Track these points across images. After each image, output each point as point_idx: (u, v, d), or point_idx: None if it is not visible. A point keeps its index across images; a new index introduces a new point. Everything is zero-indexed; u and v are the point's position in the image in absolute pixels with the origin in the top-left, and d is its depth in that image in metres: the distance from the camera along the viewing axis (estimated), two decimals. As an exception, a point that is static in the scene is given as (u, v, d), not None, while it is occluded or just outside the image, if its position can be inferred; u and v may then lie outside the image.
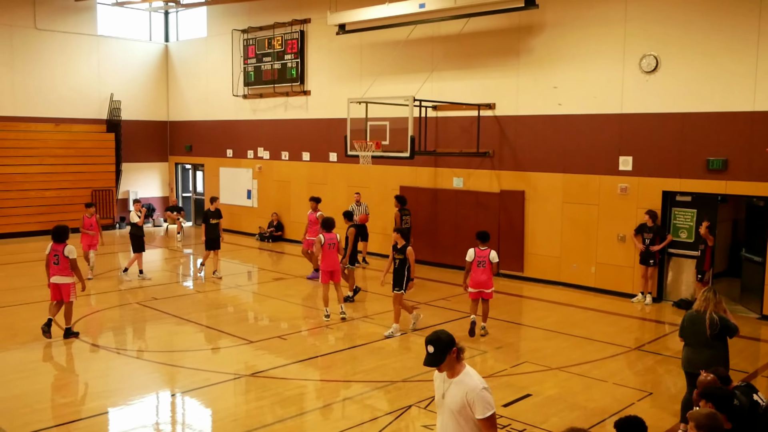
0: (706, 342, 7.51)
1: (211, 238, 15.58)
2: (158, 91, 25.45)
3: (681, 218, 13.80)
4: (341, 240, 12.41)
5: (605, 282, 14.63)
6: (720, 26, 12.88)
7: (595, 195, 14.68)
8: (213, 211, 15.64)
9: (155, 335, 11.47)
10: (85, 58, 23.36)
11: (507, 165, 16.07)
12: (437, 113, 16.94)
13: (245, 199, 22.55)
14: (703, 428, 4.76)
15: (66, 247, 10.73)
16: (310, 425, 7.87)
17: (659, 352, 10.76)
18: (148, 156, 25.33)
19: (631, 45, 13.94)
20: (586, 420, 7.93)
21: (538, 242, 15.67)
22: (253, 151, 22.43)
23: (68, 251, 10.70)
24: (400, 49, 17.22)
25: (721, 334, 7.53)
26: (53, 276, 10.79)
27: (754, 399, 6.20)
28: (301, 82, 20.59)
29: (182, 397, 8.82)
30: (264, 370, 9.63)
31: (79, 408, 8.22)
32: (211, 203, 15.86)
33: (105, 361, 10.18)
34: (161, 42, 25.51)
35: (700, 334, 7.55)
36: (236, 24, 22.21)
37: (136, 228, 15.46)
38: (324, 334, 11.55)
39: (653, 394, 8.94)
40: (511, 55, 15.76)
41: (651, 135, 13.87)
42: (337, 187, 19.60)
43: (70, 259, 10.68)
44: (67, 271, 10.74)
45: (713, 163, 13.06)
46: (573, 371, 9.71)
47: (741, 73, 12.67)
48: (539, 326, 12.26)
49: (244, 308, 13.71)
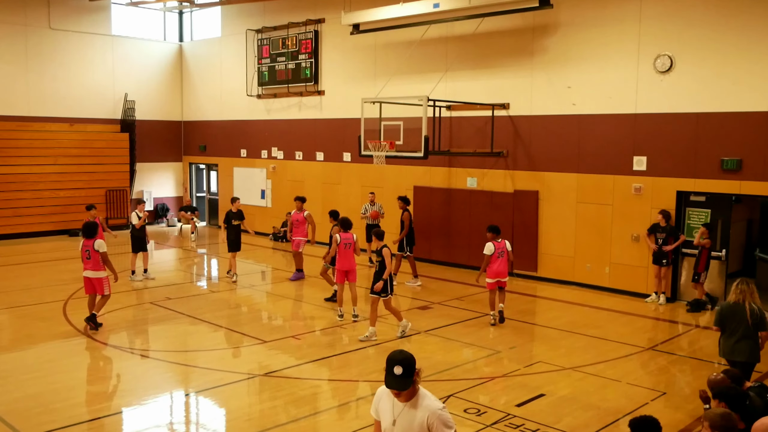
0: (746, 331, 7.79)
1: (233, 240, 15.51)
2: (172, 91, 25.59)
3: (695, 218, 13.73)
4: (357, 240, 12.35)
5: (619, 282, 14.58)
6: (734, 26, 12.80)
7: (609, 195, 14.63)
8: (235, 212, 15.57)
9: (169, 335, 11.54)
10: (100, 58, 23.53)
11: (521, 165, 16.04)
12: (451, 113, 16.93)
13: (259, 199, 22.64)
14: (718, 428, 4.76)
15: (96, 241, 11.18)
16: (324, 425, 7.90)
17: (673, 352, 10.72)
18: (162, 156, 25.47)
19: (646, 45, 13.88)
20: (600, 420, 7.91)
21: (552, 242, 15.63)
22: (267, 151, 22.52)
23: (98, 245, 11.15)
24: (414, 49, 17.23)
25: (761, 325, 7.81)
26: (86, 270, 11.36)
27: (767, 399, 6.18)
28: (315, 82, 20.64)
29: (196, 396, 8.88)
30: (278, 369, 9.67)
31: (93, 408, 8.27)
32: (232, 203, 15.75)
33: (119, 361, 10.26)
34: (175, 42, 25.65)
35: (741, 323, 7.81)
36: (250, 24, 22.30)
37: (135, 229, 15.38)
38: (338, 334, 11.58)
39: (667, 394, 8.91)
40: (525, 54, 15.73)
41: (665, 135, 13.80)
42: (351, 187, 19.63)
43: (101, 252, 11.13)
44: (99, 266, 11.23)
45: (727, 163, 12.98)
46: (587, 371, 9.69)
47: (755, 73, 12.59)
48: (553, 326, 12.23)
49: (257, 308, 13.77)
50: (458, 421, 7.83)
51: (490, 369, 9.85)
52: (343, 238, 12.11)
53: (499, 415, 8.02)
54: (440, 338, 11.31)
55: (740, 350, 7.85)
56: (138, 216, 15.37)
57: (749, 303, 7.84)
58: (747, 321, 7.76)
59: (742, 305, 7.85)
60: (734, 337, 7.88)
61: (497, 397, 8.62)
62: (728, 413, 4.90)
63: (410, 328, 11.43)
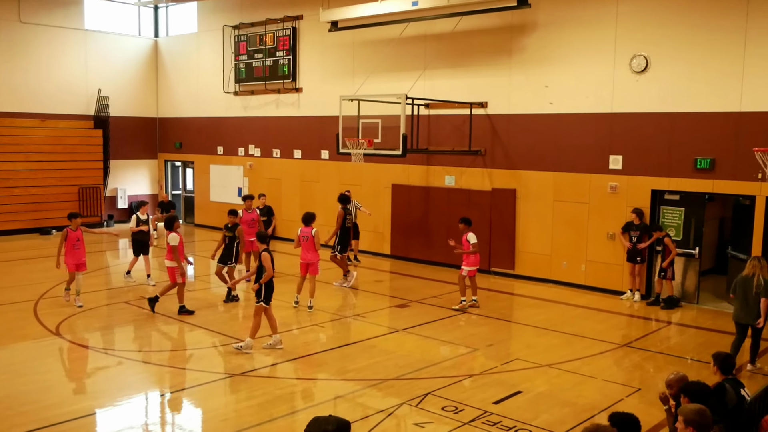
0: (753, 300, 9.42)
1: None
2: (147, 87, 25.30)
3: (669, 217, 13.88)
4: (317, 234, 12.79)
5: (595, 279, 14.70)
6: (708, 28, 12.96)
7: (585, 193, 14.74)
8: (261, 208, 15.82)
9: (144, 334, 11.41)
10: (72, 52, 23.16)
11: (499, 163, 16.11)
12: (429, 111, 16.95)
13: (236, 197, 22.47)
14: (692, 423, 4.82)
15: (170, 234, 12.15)
16: (301, 424, 7.81)
17: (647, 349, 10.84)
18: (136, 153, 25.17)
19: (622, 45, 14.00)
20: (576, 416, 7.97)
21: (529, 240, 15.72)
22: (244, 148, 22.37)
23: (171, 239, 12.10)
24: (393, 47, 17.21)
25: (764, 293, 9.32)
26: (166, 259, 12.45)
27: (741, 394, 6.27)
28: (293, 79, 20.54)
29: (171, 397, 8.79)
30: (254, 369, 9.61)
31: (66, 410, 8.09)
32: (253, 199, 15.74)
33: (92, 362, 10.12)
34: (150, 37, 25.36)
35: (749, 293, 9.46)
36: (227, 20, 22.13)
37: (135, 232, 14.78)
38: (315, 332, 11.54)
39: (641, 390, 8.99)
40: (503, 53, 15.78)
41: (641, 134, 13.94)
42: (329, 185, 19.57)
43: (170, 245, 12.07)
44: (170, 256, 12.18)
45: (701, 163, 13.15)
46: (563, 368, 9.75)
47: (728, 74, 12.76)
48: (530, 323, 12.30)
49: (233, 307, 13.67)
50: (435, 418, 7.85)
51: (467, 367, 9.87)
52: (303, 232, 12.65)
53: (477, 412, 8.05)
54: (418, 336, 11.31)
55: (746, 314, 9.52)
56: (140, 219, 14.67)
57: (758, 276, 9.39)
58: (753, 290, 9.35)
59: (752, 278, 9.46)
60: (743, 304, 9.56)
61: (474, 395, 8.64)
62: (702, 409, 4.95)
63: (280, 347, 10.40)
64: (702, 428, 4.78)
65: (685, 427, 4.84)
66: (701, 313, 13.15)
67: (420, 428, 7.64)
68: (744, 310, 9.58)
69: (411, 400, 8.38)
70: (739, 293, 9.64)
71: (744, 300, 9.54)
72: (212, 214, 22.91)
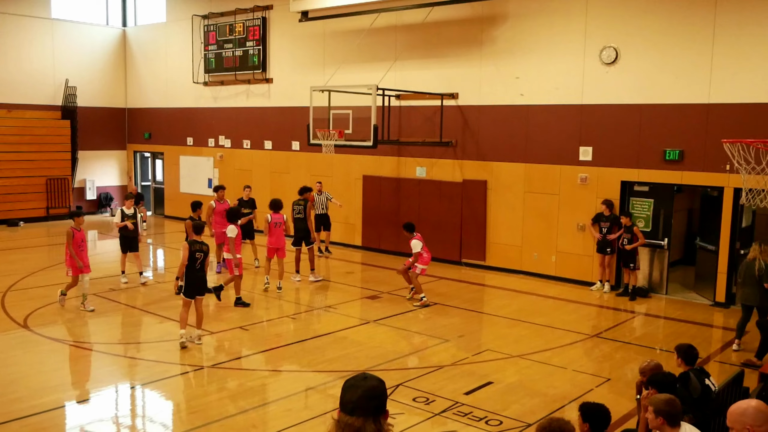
0: (756, 282, 9.94)
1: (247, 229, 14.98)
2: (116, 78, 24.90)
3: (639, 208, 14.04)
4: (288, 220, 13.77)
5: (565, 270, 14.83)
6: (677, 20, 13.10)
7: (555, 185, 14.85)
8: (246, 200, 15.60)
9: (112, 327, 11.27)
10: (39, 42, 22.70)
11: (470, 154, 16.15)
12: (400, 102, 16.92)
13: (206, 188, 22.26)
14: (662, 413, 4.86)
15: (229, 226, 12.27)
16: (273, 416, 7.84)
17: (617, 339, 10.96)
18: (105, 144, 24.79)
19: (592, 37, 14.09)
20: (546, 407, 8.04)
21: (500, 231, 15.80)
22: (214, 139, 22.15)
23: (229, 230, 12.23)
24: (364, 38, 17.14)
25: (765, 277, 9.86)
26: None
27: (706, 383, 6.37)
28: (263, 70, 20.37)
29: (141, 389, 8.70)
30: (225, 360, 9.55)
31: (34, 403, 7.98)
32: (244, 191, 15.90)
33: (60, 354, 9.97)
34: (119, 27, 24.95)
35: (752, 276, 10.00)
36: (196, 9, 21.85)
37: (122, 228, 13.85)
38: (285, 324, 11.50)
39: (611, 380, 9.10)
40: (474, 45, 15.81)
41: (610, 126, 14.06)
42: (300, 176, 19.46)
43: (229, 237, 12.20)
44: (228, 248, 12.38)
45: (670, 154, 13.31)
46: (533, 359, 9.83)
47: (697, 66, 12.91)
48: (501, 314, 12.37)
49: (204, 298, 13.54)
50: (407, 409, 7.87)
51: (438, 359, 9.90)
52: (274, 218, 13.30)
53: (448, 403, 8.08)
54: (389, 328, 11.33)
55: (750, 296, 10.03)
56: (125, 214, 13.73)
57: (759, 260, 9.94)
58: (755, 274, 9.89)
59: (753, 262, 10.00)
60: (747, 287, 10.13)
61: (445, 386, 8.68)
62: (672, 399, 5.00)
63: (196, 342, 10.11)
64: (672, 418, 4.82)
65: (655, 417, 4.88)
66: (670, 304, 13.34)
67: (391, 419, 7.62)
68: (746, 292, 10.17)
69: (382, 391, 8.36)
70: (744, 277, 10.25)
71: (748, 283, 10.11)
72: (182, 206, 22.60)
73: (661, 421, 4.87)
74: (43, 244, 19.33)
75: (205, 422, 7.51)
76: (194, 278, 10.07)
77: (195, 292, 10.12)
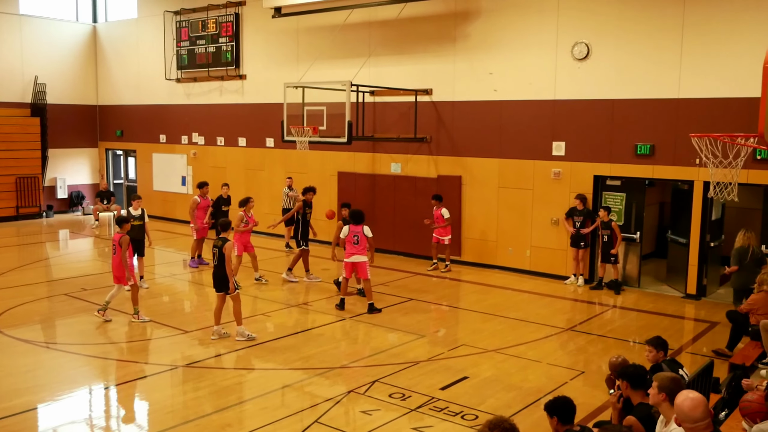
0: (749, 267, 10.66)
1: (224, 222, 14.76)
2: (86, 74, 24.56)
3: (611, 202, 14.18)
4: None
5: (539, 265, 14.95)
6: (647, 17, 13.24)
7: (529, 180, 14.95)
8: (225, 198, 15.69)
9: (85, 327, 11.12)
10: (7, 38, 22.32)
11: (444, 150, 16.19)
12: (375, 98, 16.91)
13: (180, 186, 22.09)
14: (665, 389, 5.12)
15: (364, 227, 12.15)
16: (249, 414, 7.81)
17: (591, 332, 11.08)
18: (76, 141, 24.44)
19: (564, 32, 14.19)
20: (522, 400, 8.10)
21: (474, 227, 15.87)
22: (187, 136, 21.95)
23: (366, 231, 12.13)
24: (337, 34, 17.10)
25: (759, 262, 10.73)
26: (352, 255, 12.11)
27: (680, 374, 6.47)
28: (236, 66, 20.22)
29: (116, 389, 8.62)
30: (201, 360, 9.49)
31: (5, 405, 7.87)
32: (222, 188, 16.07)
33: (33, 355, 9.81)
34: (89, 23, 24.61)
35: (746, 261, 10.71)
36: (168, 5, 21.62)
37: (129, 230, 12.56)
38: (261, 322, 11.45)
39: (585, 372, 9.20)
40: (448, 40, 15.84)
41: (582, 121, 14.18)
42: (274, 172, 19.39)
43: (368, 237, 12.09)
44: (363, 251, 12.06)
45: (641, 149, 13.46)
46: (509, 353, 9.90)
47: (667, 62, 13.07)
48: (476, 309, 12.44)
49: (179, 297, 13.47)
50: (383, 405, 7.89)
51: (413, 354, 9.93)
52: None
53: (424, 398, 8.11)
54: (365, 324, 11.33)
55: (747, 281, 10.50)
56: (131, 215, 13.05)
57: (752, 246, 10.74)
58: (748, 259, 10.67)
59: (747, 248, 10.75)
60: (745, 272, 10.75)
61: (421, 381, 8.71)
62: (678, 378, 5.31)
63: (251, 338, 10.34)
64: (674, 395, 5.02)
65: (658, 393, 5.13)
66: (643, 297, 13.50)
67: (367, 415, 7.66)
68: (745, 278, 10.84)
69: (358, 388, 8.39)
70: (738, 263, 10.97)
71: (744, 269, 10.86)
72: (155, 204, 22.43)
73: (663, 397, 5.11)
74: (13, 244, 19.03)
75: (180, 422, 7.47)
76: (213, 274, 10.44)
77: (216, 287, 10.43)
